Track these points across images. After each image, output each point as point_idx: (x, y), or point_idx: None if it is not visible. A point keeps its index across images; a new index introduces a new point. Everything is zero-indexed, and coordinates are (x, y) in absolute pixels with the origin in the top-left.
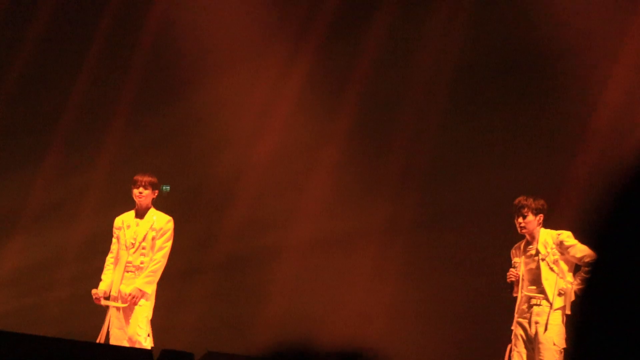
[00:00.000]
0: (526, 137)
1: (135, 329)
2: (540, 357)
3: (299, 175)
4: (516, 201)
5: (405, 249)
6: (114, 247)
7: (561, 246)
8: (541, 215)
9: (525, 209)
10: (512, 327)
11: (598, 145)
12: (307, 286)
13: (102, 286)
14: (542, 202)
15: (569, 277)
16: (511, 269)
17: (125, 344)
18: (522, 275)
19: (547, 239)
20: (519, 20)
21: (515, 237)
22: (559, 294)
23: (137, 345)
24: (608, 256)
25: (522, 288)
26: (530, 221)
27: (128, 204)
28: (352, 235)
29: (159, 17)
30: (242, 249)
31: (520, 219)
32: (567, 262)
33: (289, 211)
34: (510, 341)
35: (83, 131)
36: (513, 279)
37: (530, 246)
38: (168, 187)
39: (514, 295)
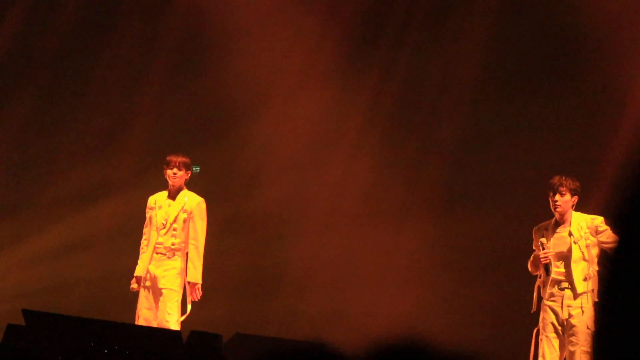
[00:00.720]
0: (556, 120)
1: (164, 314)
2: (573, 340)
3: (323, 152)
4: (555, 179)
5: (437, 227)
6: (146, 229)
7: (596, 231)
8: (576, 197)
9: (564, 188)
10: (540, 311)
11: (630, 131)
12: (331, 262)
13: (138, 272)
14: (578, 183)
15: (595, 264)
16: (545, 250)
17: (154, 324)
18: (551, 261)
19: (580, 222)
20: (557, 2)
21: (540, 216)
22: (584, 279)
23: None
24: (634, 241)
25: (550, 271)
26: (567, 201)
27: (159, 184)
28: (386, 210)
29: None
30: (270, 229)
31: (558, 197)
32: (595, 247)
33: (311, 190)
34: (536, 325)
35: (110, 114)
36: (548, 261)
37: (561, 227)
38: (198, 168)
39: (547, 276)
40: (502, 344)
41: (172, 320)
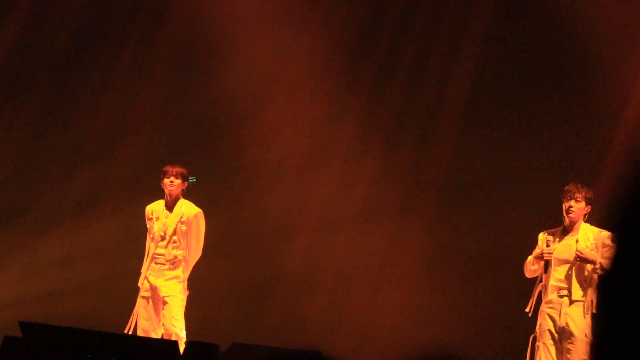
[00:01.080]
0: (555, 123)
1: (171, 320)
2: (570, 348)
3: (320, 159)
4: (570, 186)
5: (435, 233)
6: (148, 239)
7: (602, 244)
8: (589, 206)
9: (580, 195)
10: (537, 317)
11: (630, 134)
12: (328, 271)
13: (139, 282)
14: (592, 193)
15: (596, 276)
16: (549, 248)
17: (153, 335)
18: (552, 263)
19: (588, 233)
20: (558, 6)
21: (538, 220)
22: (584, 288)
23: (173, 337)
24: (633, 247)
25: (550, 277)
26: (581, 208)
27: (157, 194)
28: (384, 217)
29: (182, 10)
30: (266, 238)
31: (573, 202)
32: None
33: (308, 197)
34: (532, 331)
35: (106, 124)
36: (549, 258)
37: (569, 235)
38: (194, 179)
39: (544, 274)
40: (504, 347)
41: (179, 325)
